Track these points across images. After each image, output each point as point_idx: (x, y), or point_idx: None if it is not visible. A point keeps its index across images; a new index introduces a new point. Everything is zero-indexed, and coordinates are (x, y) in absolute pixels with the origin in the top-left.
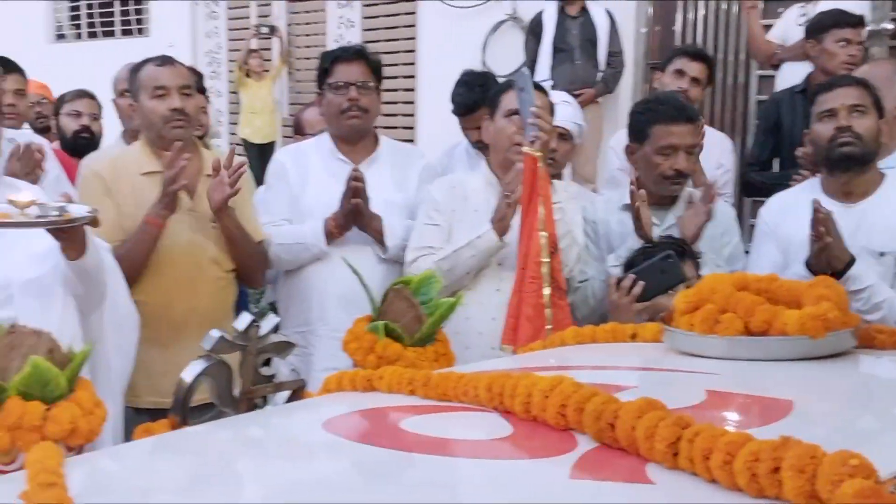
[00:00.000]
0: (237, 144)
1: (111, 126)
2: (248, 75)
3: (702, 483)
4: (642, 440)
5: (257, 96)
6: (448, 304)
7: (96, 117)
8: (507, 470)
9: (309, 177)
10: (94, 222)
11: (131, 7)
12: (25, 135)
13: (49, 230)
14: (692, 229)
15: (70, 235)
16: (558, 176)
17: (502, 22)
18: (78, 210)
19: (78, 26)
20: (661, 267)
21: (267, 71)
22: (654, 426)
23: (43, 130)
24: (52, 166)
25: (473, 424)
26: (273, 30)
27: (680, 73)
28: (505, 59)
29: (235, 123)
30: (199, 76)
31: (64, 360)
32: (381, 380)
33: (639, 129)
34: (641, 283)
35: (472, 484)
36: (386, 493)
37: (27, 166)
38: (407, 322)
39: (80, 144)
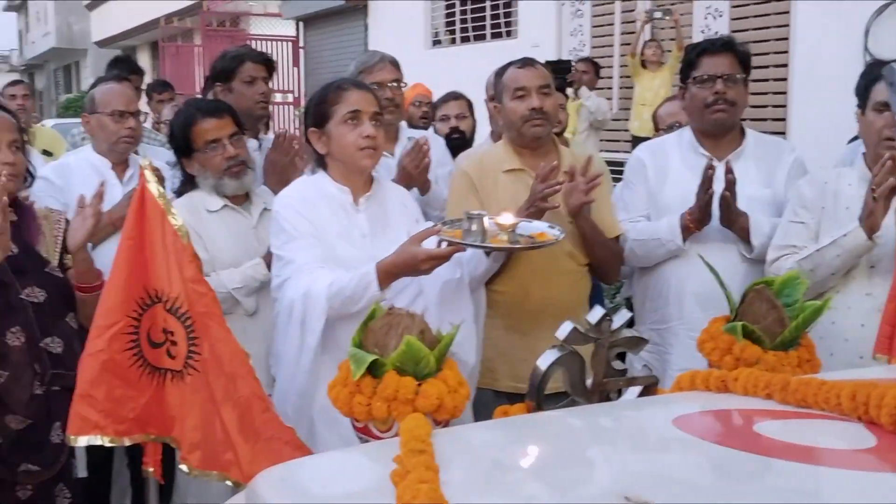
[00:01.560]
0: (625, 141)
1: (484, 125)
2: (643, 65)
3: None
4: None
5: (649, 87)
6: (814, 308)
7: (464, 116)
8: (871, 483)
9: (668, 172)
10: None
11: (501, 11)
12: (427, 135)
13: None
14: None
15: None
16: None
17: (887, 5)
18: (541, 227)
19: (452, 32)
20: None
21: (662, 63)
22: None
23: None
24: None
25: (834, 433)
26: (667, 13)
27: None
28: (893, 44)
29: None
30: (596, 67)
31: (433, 341)
32: (735, 381)
33: None
34: None
35: (836, 494)
36: (745, 496)
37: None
38: (768, 324)
39: (455, 144)
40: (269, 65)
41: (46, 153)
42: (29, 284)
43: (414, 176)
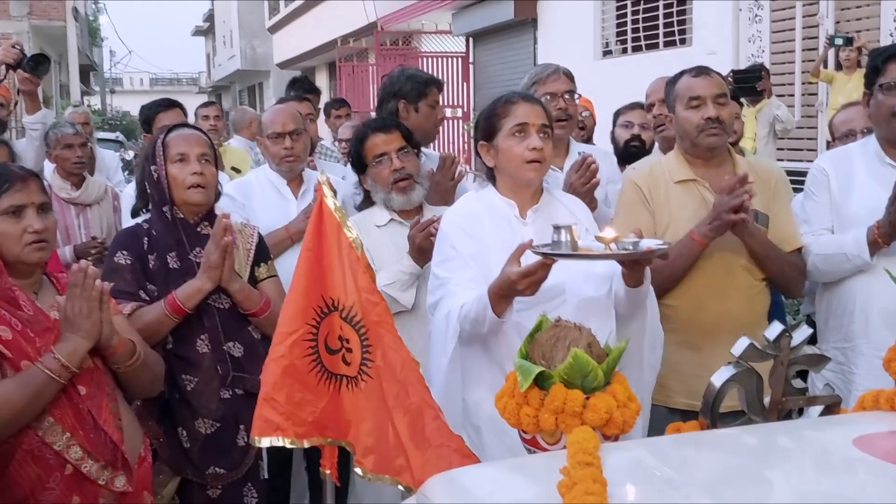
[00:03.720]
0: (808, 150)
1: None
2: (838, 67)
3: None
4: None
5: (841, 91)
6: None
7: (647, 127)
8: None
9: (852, 183)
10: (663, 256)
11: (674, 18)
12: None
13: (619, 260)
14: None
15: (636, 267)
16: None
17: None
18: (650, 243)
19: (624, 41)
20: None
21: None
22: None
23: (585, 142)
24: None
25: None
26: (849, 42)
27: None
28: None
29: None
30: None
31: (601, 355)
32: None
33: None
34: None
35: None
36: None
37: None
38: None
39: (631, 153)
40: (441, 90)
41: (235, 170)
42: (216, 291)
43: (580, 193)
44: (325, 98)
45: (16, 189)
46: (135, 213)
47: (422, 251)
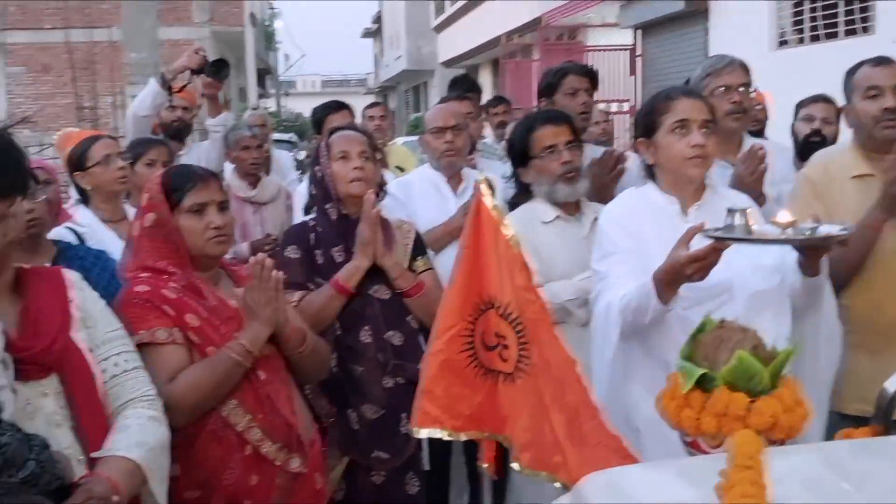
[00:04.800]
0: None
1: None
2: None
3: None
4: None
5: None
6: None
7: (830, 122)
8: None
9: None
10: (843, 242)
11: (856, 5)
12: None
13: (796, 247)
14: None
15: (814, 254)
16: None
17: None
18: (830, 229)
19: (801, 31)
20: None
21: None
22: None
23: (757, 133)
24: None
25: None
26: None
27: None
28: None
29: None
30: None
31: (768, 357)
32: None
33: None
34: None
35: None
36: None
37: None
38: None
39: (810, 147)
40: (591, 77)
41: (399, 169)
42: (377, 283)
43: (747, 184)
44: (487, 95)
45: (198, 188)
46: (307, 211)
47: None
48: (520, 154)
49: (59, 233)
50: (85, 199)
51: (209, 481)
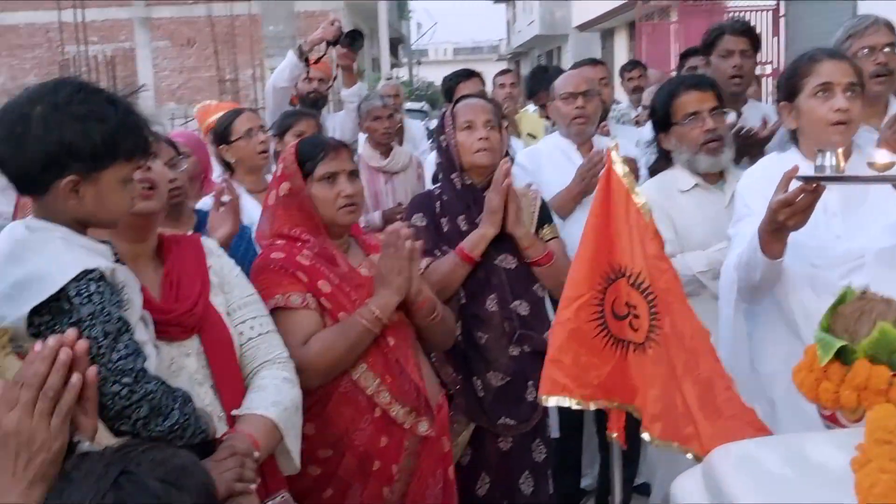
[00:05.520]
0: None
1: None
2: None
3: None
4: None
5: None
6: None
7: None
8: None
9: None
10: None
11: None
12: None
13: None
14: None
15: None
16: None
17: None
18: None
19: None
20: None
21: None
22: None
23: None
24: None
25: None
26: None
27: None
28: None
29: None
30: None
31: None
32: None
33: None
34: None
35: None
36: None
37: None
38: None
39: None
40: (750, 37)
41: (531, 136)
42: (503, 252)
43: (894, 150)
44: (623, 60)
45: (330, 158)
46: (434, 180)
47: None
48: (661, 120)
49: (206, 203)
50: (230, 170)
51: (341, 441)
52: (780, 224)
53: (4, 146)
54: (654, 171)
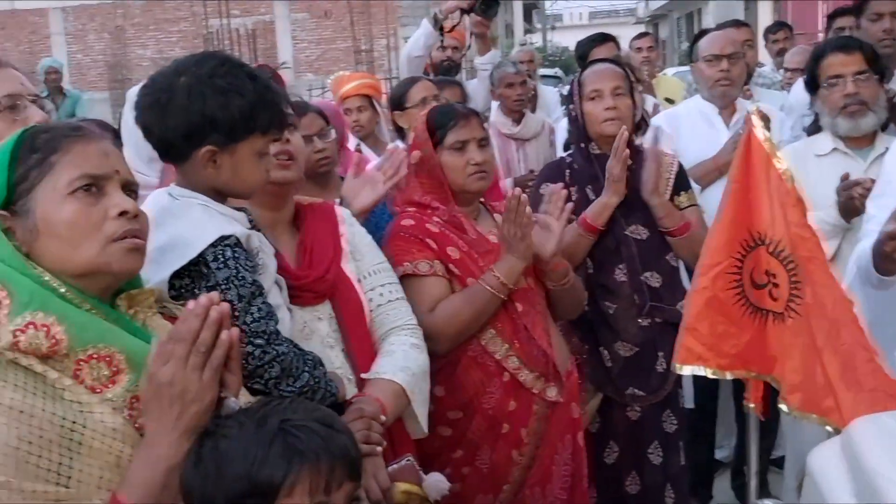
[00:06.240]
0: None
1: None
2: None
3: None
4: None
5: None
6: None
7: None
8: None
9: None
10: None
11: None
12: None
13: None
14: None
15: None
16: None
17: None
18: None
19: None
20: None
21: None
22: None
23: None
24: None
25: None
26: None
27: None
28: None
29: None
30: None
31: None
32: None
33: None
34: None
35: None
36: None
37: None
38: None
39: None
40: None
41: (669, 101)
42: (634, 223)
43: None
44: (767, 21)
45: (460, 126)
46: (566, 147)
47: (848, 211)
48: (811, 82)
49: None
50: (402, 136)
51: (470, 404)
52: (888, 255)
53: (150, 113)
54: (811, 133)
